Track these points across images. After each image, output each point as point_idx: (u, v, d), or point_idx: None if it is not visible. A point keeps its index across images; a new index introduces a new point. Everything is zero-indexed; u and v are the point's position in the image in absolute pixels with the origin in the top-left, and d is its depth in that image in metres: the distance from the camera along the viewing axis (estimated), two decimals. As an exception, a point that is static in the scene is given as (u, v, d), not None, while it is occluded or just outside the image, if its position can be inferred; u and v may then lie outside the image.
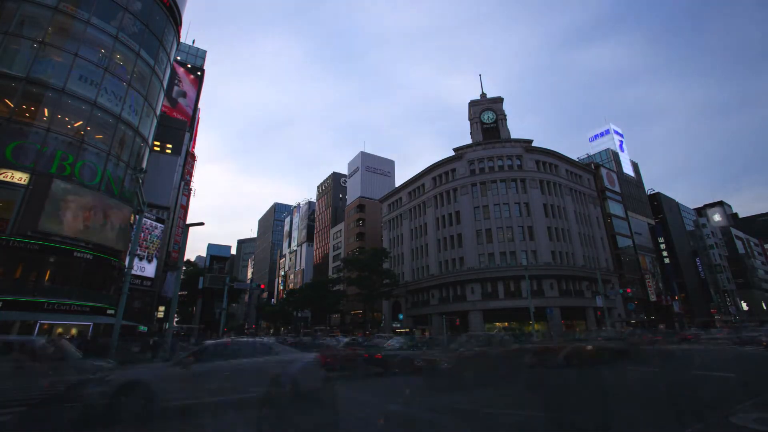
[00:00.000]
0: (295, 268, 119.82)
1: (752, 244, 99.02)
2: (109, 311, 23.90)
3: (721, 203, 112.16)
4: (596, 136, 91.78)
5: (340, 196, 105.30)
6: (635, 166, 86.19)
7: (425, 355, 15.86)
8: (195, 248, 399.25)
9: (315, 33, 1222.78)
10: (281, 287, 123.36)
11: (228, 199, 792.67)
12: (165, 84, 33.85)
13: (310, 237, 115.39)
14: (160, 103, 33.88)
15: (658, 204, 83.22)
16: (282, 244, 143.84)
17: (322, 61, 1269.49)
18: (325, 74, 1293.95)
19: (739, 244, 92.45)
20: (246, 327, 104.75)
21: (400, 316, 57.23)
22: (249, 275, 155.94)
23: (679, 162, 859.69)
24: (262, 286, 68.85)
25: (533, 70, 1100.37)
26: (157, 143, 38.00)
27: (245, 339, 11.85)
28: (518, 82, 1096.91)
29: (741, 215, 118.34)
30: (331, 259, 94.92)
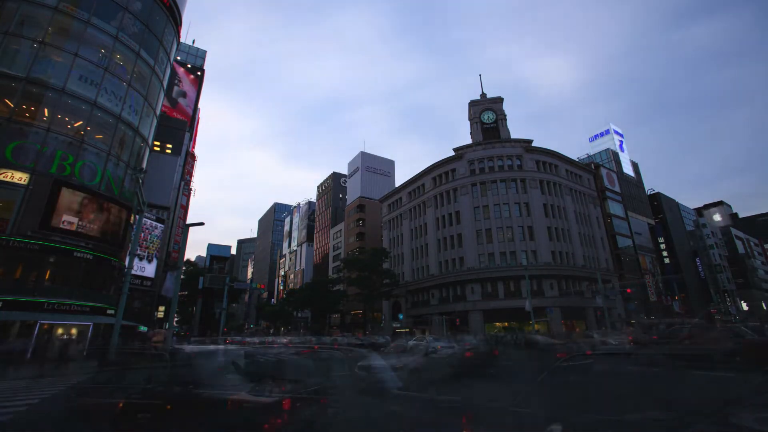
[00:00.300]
0: (295, 268, 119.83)
1: (752, 244, 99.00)
2: (109, 311, 23.88)
3: (721, 203, 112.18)
4: (596, 136, 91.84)
5: (340, 196, 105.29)
6: (635, 166, 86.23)
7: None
8: (199, 248, 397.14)
9: (391, 5, 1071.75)
10: (281, 287, 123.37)
11: (274, 187, 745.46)
12: (165, 84, 33.83)
13: (310, 237, 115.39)
14: (160, 103, 33.87)
15: (658, 204, 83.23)
16: (282, 244, 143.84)
17: (396, 38, 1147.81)
18: (401, 50, 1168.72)
19: (739, 244, 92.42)
20: (246, 327, 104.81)
21: (400, 316, 57.25)
22: (249, 275, 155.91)
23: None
24: (262, 286, 68.98)
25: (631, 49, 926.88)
26: (157, 143, 37.99)
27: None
28: (616, 63, 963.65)
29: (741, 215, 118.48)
30: (331, 259, 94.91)
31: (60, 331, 22.65)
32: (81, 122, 24.57)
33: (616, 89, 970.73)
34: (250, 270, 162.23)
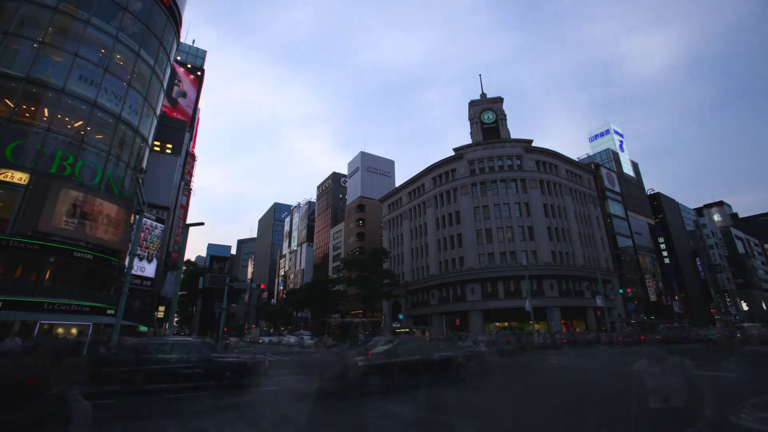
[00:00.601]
0: (295, 268, 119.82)
1: (752, 244, 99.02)
2: (109, 311, 23.89)
3: (721, 203, 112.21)
4: (596, 136, 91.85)
5: (340, 196, 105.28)
6: (635, 166, 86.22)
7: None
8: (199, 248, 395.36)
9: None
10: (281, 287, 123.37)
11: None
12: (165, 84, 33.82)
13: (310, 237, 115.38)
14: (160, 103, 33.87)
15: (658, 204, 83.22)
16: (282, 244, 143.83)
17: (488, 8, 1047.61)
18: (490, 24, 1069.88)
19: (739, 244, 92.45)
20: (246, 327, 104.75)
21: (400, 316, 57.26)
22: (249, 275, 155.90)
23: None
24: (262, 286, 68.78)
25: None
26: (157, 143, 37.98)
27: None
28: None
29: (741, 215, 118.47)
30: (331, 259, 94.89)
31: (60, 331, 22.65)
32: (81, 122, 24.56)
33: (712, 71, 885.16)
34: (250, 270, 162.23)
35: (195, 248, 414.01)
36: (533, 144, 55.47)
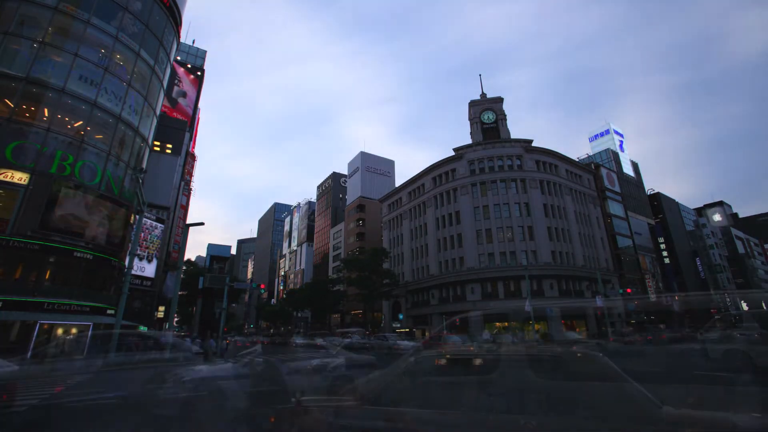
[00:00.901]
0: (295, 268, 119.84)
1: (752, 244, 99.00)
2: (109, 311, 23.91)
3: (721, 203, 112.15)
4: (596, 136, 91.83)
5: (340, 196, 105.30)
6: (635, 166, 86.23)
7: None
8: (199, 248, 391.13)
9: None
10: (281, 287, 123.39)
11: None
12: (165, 84, 33.85)
13: (310, 237, 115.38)
14: (160, 103, 33.89)
15: (658, 204, 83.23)
16: (282, 244, 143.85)
17: None
18: None
19: (739, 244, 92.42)
20: (246, 327, 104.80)
21: (400, 316, 57.29)
22: (249, 275, 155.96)
23: None
24: (263, 286, 68.97)
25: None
26: (157, 143, 38.01)
27: None
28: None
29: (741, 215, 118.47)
30: (331, 259, 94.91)
31: (60, 331, 22.66)
32: (81, 122, 24.58)
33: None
34: (250, 270, 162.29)
35: (200, 249, 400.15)
36: (533, 144, 55.48)
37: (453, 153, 57.52)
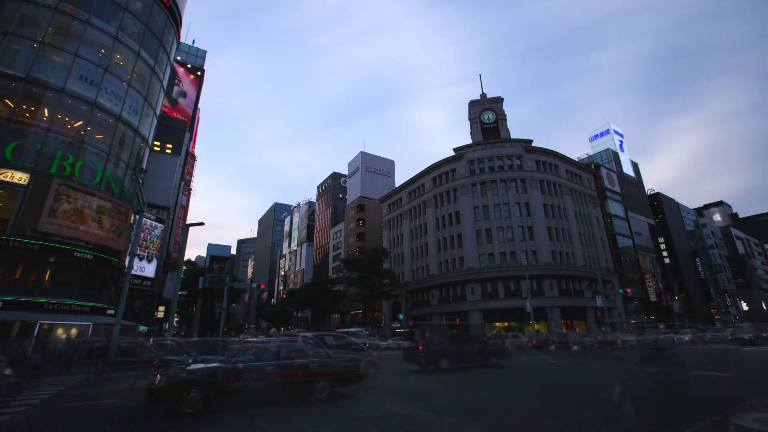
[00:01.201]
0: (295, 268, 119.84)
1: (752, 244, 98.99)
2: (109, 311, 23.90)
3: (721, 203, 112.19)
4: (596, 136, 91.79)
5: (340, 196, 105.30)
6: (635, 166, 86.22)
7: None
8: (199, 248, 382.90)
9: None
10: (281, 287, 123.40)
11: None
12: (165, 84, 33.84)
13: (310, 237, 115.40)
14: (160, 103, 33.88)
15: (658, 204, 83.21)
16: (282, 244, 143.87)
17: None
18: None
19: (739, 244, 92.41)
20: (246, 327, 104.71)
21: (400, 316, 57.27)
22: (249, 275, 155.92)
23: None
24: (263, 286, 68.85)
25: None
26: (157, 143, 38.02)
27: None
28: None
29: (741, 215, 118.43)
30: (331, 259, 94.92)
31: (60, 331, 22.66)
32: (81, 122, 24.57)
33: None
34: (250, 270, 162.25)
35: (198, 248, 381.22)
36: (533, 144, 55.48)
37: (453, 153, 57.53)
